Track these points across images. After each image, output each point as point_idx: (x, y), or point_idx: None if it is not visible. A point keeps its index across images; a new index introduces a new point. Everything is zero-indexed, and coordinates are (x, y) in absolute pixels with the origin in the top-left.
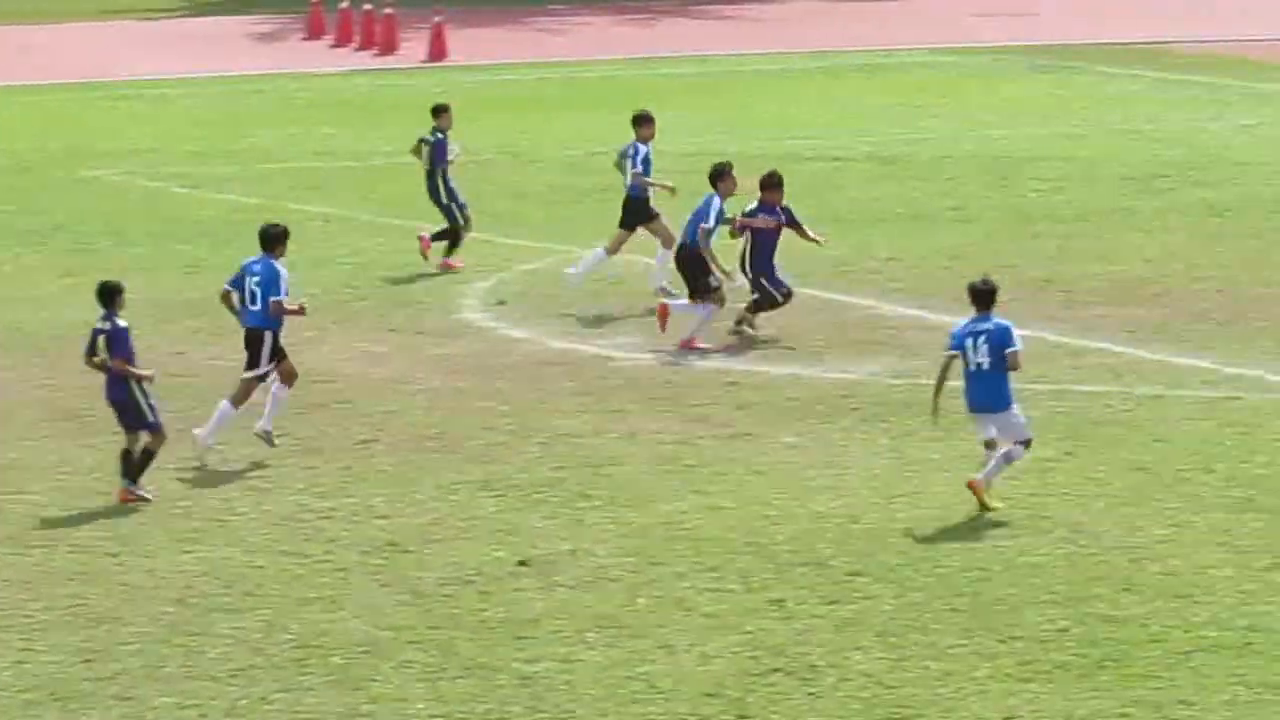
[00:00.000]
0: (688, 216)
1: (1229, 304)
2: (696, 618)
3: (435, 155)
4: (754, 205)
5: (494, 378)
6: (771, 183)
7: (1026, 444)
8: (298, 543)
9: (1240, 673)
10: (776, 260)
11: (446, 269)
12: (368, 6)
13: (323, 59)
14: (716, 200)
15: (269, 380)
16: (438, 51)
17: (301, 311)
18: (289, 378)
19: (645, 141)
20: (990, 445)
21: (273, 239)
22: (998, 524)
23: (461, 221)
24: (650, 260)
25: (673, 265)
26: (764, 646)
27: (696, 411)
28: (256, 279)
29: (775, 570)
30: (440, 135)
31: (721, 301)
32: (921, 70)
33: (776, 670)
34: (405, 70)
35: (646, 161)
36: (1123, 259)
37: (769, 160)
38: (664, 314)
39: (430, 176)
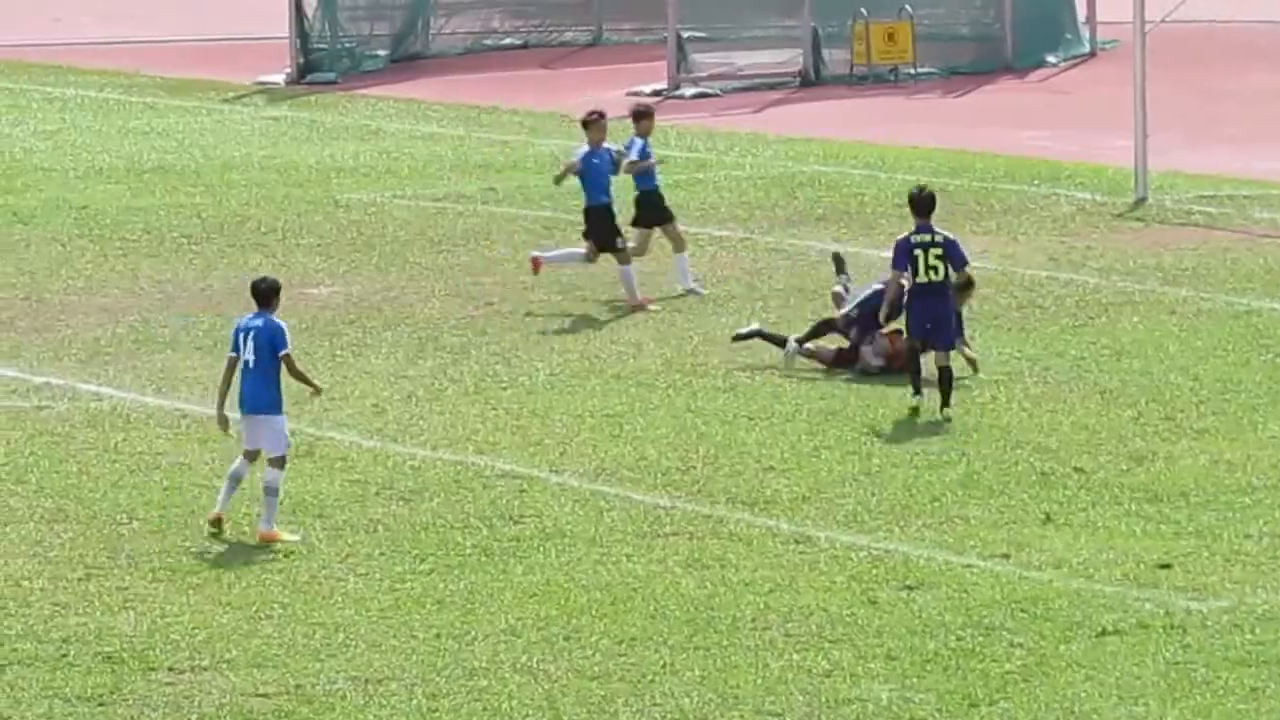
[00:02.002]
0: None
1: (36, 312)
2: None
3: None
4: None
5: None
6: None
7: (280, 462)
8: None
9: (56, 685)
10: None
11: None
12: None
13: None
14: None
15: None
16: None
17: None
18: None
19: (644, 136)
20: (252, 457)
21: None
22: None
23: None
24: None
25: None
26: None
27: None
28: None
29: None
30: None
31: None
32: None
33: None
34: None
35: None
36: None
37: None
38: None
39: None
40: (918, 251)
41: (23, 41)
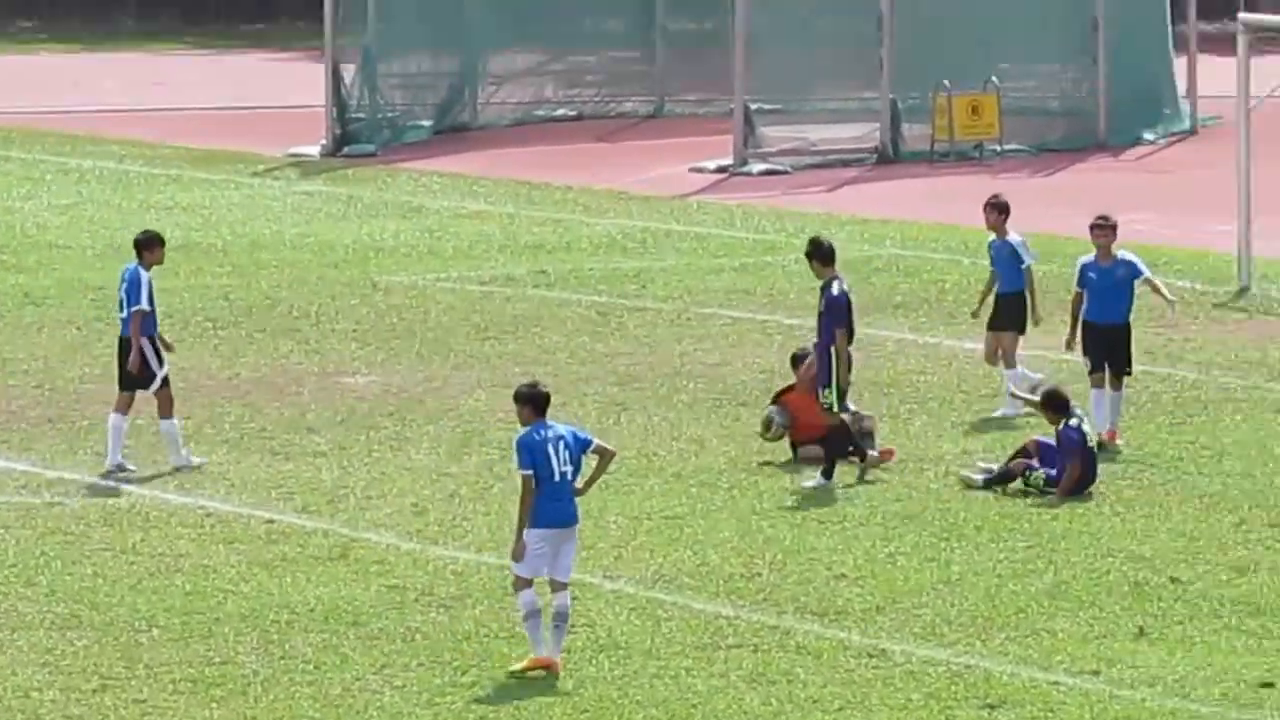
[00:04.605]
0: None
1: (49, 401)
2: None
3: None
4: None
5: None
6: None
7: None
8: None
9: None
10: None
11: None
12: None
13: None
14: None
15: None
16: None
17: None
18: None
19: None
20: (528, 585)
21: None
22: None
23: None
24: None
25: None
26: None
27: None
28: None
29: None
30: None
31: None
32: None
33: None
34: None
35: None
36: None
37: None
38: None
39: None
40: None
41: (37, 108)
